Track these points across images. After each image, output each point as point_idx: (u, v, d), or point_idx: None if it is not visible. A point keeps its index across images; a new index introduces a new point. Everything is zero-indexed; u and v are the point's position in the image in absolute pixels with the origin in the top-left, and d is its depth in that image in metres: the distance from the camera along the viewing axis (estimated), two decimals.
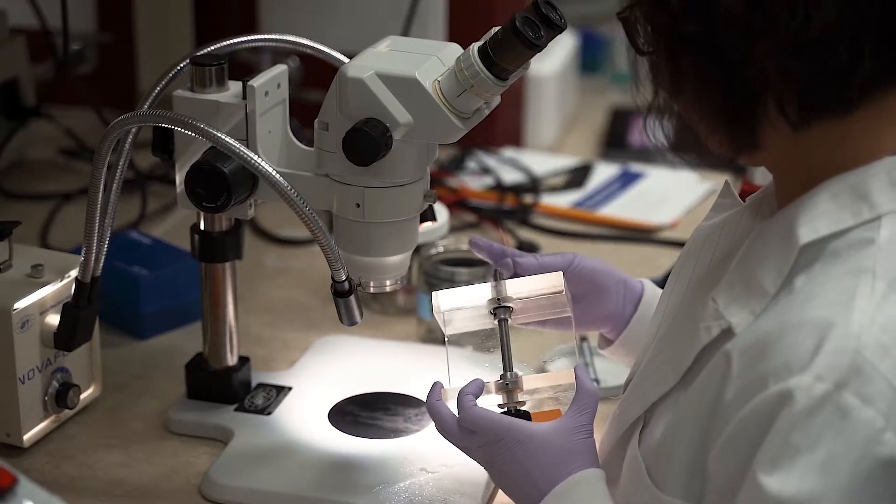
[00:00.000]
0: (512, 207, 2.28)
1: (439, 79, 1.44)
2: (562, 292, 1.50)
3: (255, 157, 1.45)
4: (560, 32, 1.42)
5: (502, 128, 2.49)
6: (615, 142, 2.59)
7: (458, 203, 2.25)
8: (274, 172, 1.45)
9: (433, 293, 1.51)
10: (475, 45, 1.43)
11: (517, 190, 2.33)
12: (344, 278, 1.49)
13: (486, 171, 2.39)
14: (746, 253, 1.23)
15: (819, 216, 1.17)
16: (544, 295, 1.50)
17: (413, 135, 1.45)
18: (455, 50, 1.48)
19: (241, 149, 1.45)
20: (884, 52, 1.12)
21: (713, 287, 1.25)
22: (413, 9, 2.32)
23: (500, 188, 2.33)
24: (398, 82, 1.43)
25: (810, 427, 1.09)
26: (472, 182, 2.35)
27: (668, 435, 1.24)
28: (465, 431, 1.39)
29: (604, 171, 2.42)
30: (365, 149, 1.43)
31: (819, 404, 1.09)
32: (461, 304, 1.51)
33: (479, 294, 1.50)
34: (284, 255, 2.14)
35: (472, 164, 2.41)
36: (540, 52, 1.42)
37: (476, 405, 1.39)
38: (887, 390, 1.09)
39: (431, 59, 1.46)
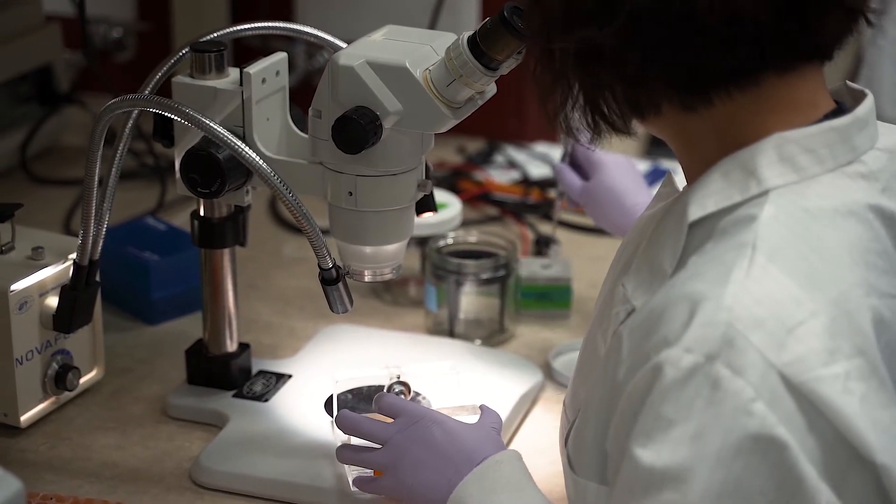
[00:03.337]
0: (535, 202, 2.26)
1: (430, 68, 1.43)
2: (458, 373, 1.63)
3: (241, 144, 1.45)
4: None
5: (534, 122, 2.48)
6: (660, 140, 2.54)
7: (481, 196, 2.24)
8: (258, 159, 1.45)
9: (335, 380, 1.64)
10: (465, 35, 1.43)
11: (542, 184, 2.31)
12: (330, 266, 1.49)
13: (513, 165, 2.37)
14: (652, 237, 1.24)
15: (709, 194, 1.18)
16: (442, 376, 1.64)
17: (403, 123, 1.44)
18: (450, 40, 1.47)
19: (227, 135, 1.46)
20: (678, 66, 1.15)
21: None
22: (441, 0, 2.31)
23: (525, 182, 2.31)
24: (388, 71, 1.43)
25: (680, 398, 1.08)
26: (498, 176, 2.33)
27: (581, 419, 1.25)
28: (378, 422, 1.46)
29: None
30: (353, 137, 1.43)
31: (688, 375, 1.08)
32: (359, 384, 1.66)
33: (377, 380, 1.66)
34: (303, 244, 2.12)
35: (500, 158, 2.39)
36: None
37: (393, 395, 1.51)
38: (759, 362, 1.08)
39: (424, 49, 1.45)
